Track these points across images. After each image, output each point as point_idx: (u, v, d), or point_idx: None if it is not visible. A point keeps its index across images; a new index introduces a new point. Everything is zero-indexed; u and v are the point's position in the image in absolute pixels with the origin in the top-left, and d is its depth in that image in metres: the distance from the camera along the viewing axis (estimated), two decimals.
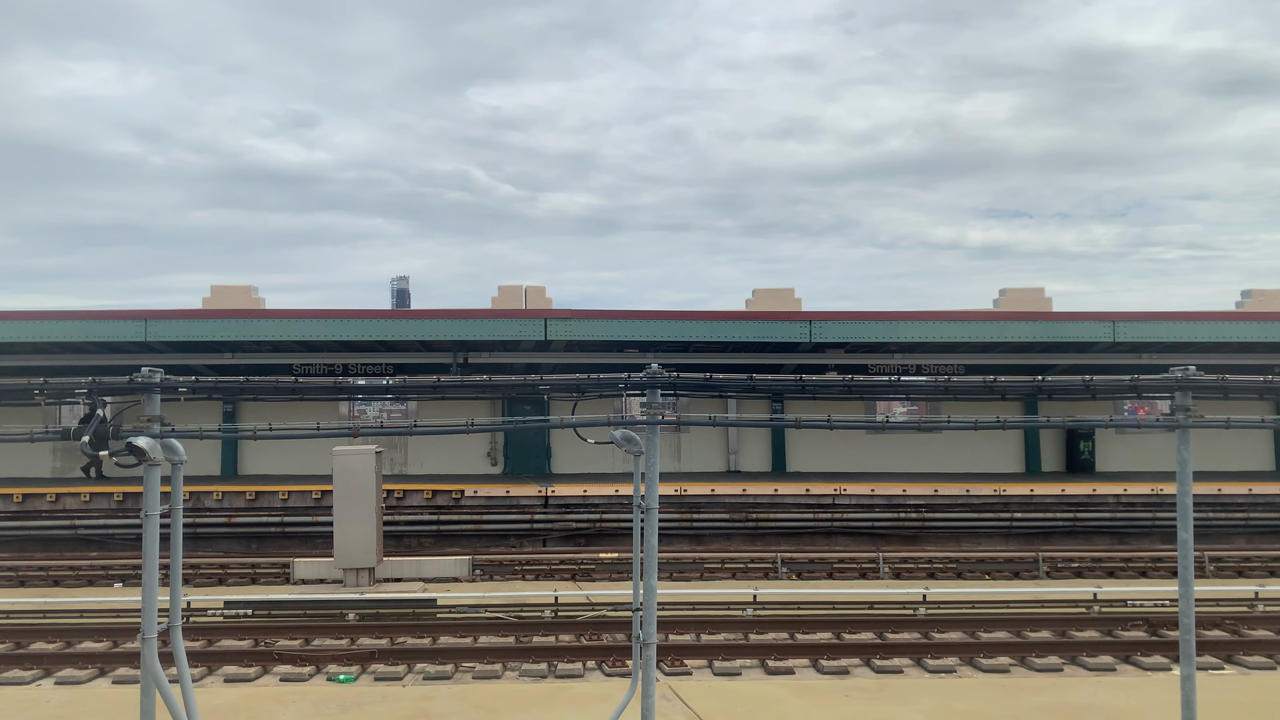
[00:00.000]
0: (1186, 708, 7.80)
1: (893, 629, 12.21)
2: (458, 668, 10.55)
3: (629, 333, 19.70)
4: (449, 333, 19.52)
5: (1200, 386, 7.85)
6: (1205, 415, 8.33)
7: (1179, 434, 8.00)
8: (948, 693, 9.32)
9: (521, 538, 19.20)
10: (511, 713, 8.68)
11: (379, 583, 14.82)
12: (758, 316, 20.24)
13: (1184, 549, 7.96)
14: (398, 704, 8.98)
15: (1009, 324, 20.00)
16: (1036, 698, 9.12)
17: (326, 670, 10.49)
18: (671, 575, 16.63)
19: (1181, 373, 7.83)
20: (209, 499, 19.20)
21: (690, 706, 8.83)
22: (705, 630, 12.23)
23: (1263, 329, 20.65)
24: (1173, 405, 7.93)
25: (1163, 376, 7.94)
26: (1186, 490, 7.95)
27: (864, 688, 9.50)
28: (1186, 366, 7.87)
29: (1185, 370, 7.84)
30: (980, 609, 13.13)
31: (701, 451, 23.45)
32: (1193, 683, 7.84)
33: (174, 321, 19.31)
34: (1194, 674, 7.85)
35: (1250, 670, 10.50)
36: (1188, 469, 7.96)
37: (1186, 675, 7.87)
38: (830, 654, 10.82)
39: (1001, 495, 19.34)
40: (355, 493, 14.47)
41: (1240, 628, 12.30)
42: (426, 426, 7.90)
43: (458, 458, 22.84)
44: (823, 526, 19.46)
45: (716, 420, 8.13)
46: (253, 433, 7.82)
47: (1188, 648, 7.91)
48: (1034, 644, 11.37)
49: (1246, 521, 19.71)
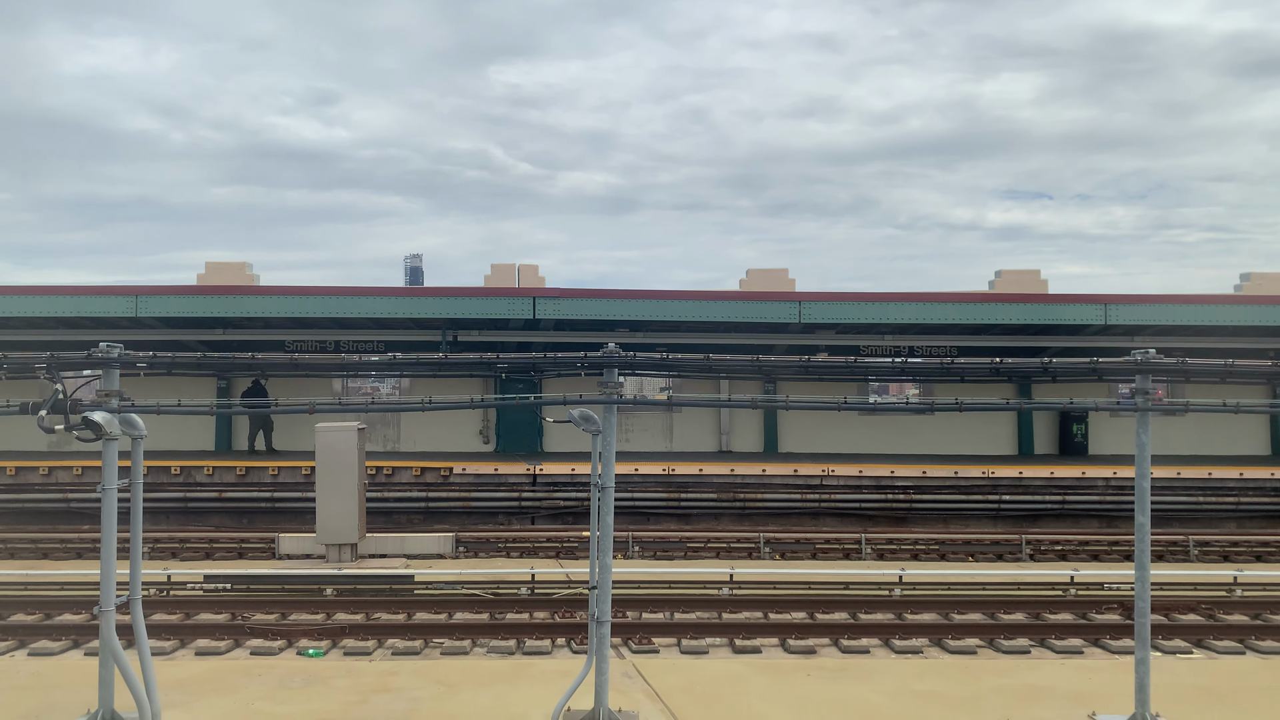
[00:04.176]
0: (1140, 690, 7.80)
1: (866, 609, 12.23)
2: (428, 643, 10.65)
3: (618, 312, 19.69)
4: (439, 310, 19.56)
5: (1160, 369, 7.81)
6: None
7: (1138, 417, 7.96)
8: (910, 673, 9.33)
9: (510, 515, 19.28)
10: (472, 688, 8.74)
11: (361, 558, 14.93)
12: (748, 297, 20.19)
13: (1140, 532, 7.94)
14: (361, 678, 9.04)
15: (1000, 306, 19.90)
16: (997, 679, 9.12)
17: (298, 645, 10.59)
18: (655, 554, 16.70)
19: (1141, 355, 7.79)
20: (200, 474, 19.34)
21: (650, 684, 8.87)
22: (680, 609, 12.27)
23: (1257, 312, 20.49)
24: (1133, 389, 7.91)
25: (1123, 360, 7.89)
26: (1145, 473, 7.92)
27: (827, 667, 9.52)
28: (1147, 350, 7.82)
29: (1145, 353, 7.79)
30: (956, 590, 13.15)
31: (694, 432, 23.46)
32: (1146, 666, 7.84)
33: (165, 298, 19.39)
34: (1148, 657, 7.85)
35: (1219, 655, 10.49)
36: (1146, 452, 7.93)
37: (1140, 659, 7.87)
38: (799, 634, 10.87)
39: (990, 477, 19.31)
40: (337, 469, 14.55)
41: (1216, 612, 12.28)
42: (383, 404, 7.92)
43: (450, 435, 22.93)
44: (810, 507, 19.49)
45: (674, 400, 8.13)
46: (211, 408, 7.87)
47: (1142, 631, 7.90)
48: (1005, 626, 11.39)
49: (1237, 506, 19.64)
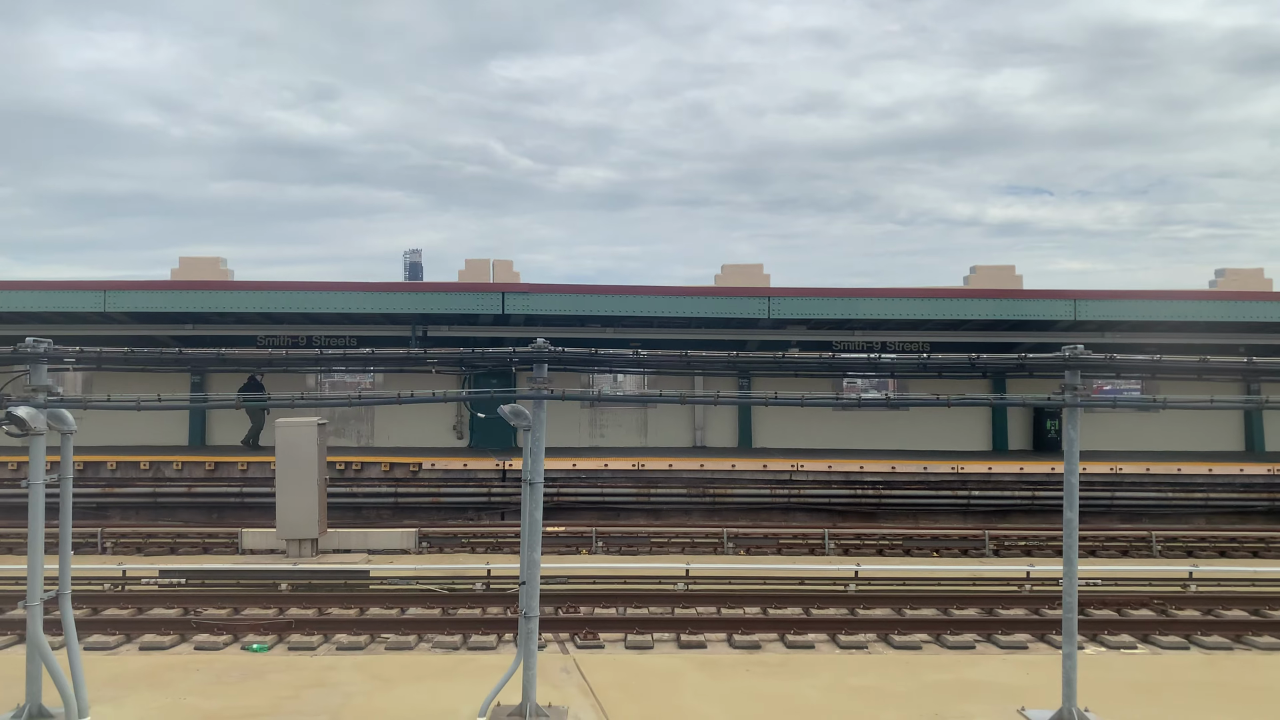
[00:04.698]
0: (1067, 685, 7.81)
1: (819, 605, 12.25)
2: (374, 638, 10.65)
3: (589, 307, 19.68)
4: (409, 306, 19.54)
5: (1089, 365, 7.82)
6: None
7: (1067, 413, 7.97)
8: (849, 668, 9.34)
9: (479, 510, 19.28)
10: (408, 683, 8.74)
11: (323, 553, 14.92)
12: (721, 293, 20.19)
13: (1069, 527, 7.96)
14: (300, 673, 9.04)
15: (971, 301, 19.90)
16: (936, 675, 9.13)
17: (244, 640, 10.58)
18: (620, 550, 16.71)
19: (1070, 351, 7.80)
20: (169, 469, 19.32)
21: (587, 679, 8.87)
22: (634, 604, 12.26)
23: (1230, 308, 20.51)
24: (1062, 384, 7.91)
25: (1052, 355, 7.90)
26: (1073, 469, 7.93)
27: (768, 663, 9.53)
28: (1075, 345, 7.83)
29: (1074, 349, 7.80)
30: (911, 586, 13.15)
31: (668, 427, 23.47)
32: (1073, 661, 7.86)
33: (133, 293, 19.35)
34: (1075, 653, 7.87)
35: (1163, 651, 10.51)
36: (1075, 448, 7.94)
37: (1067, 654, 7.89)
38: (746, 629, 10.88)
39: (959, 473, 19.32)
40: (297, 464, 14.53)
41: (1168, 607, 12.30)
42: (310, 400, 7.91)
43: (424, 431, 22.92)
44: (780, 502, 19.50)
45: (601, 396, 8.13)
46: (136, 403, 7.85)
47: (1069, 627, 7.92)
48: (955, 621, 11.41)
49: (1206, 501, 19.67)
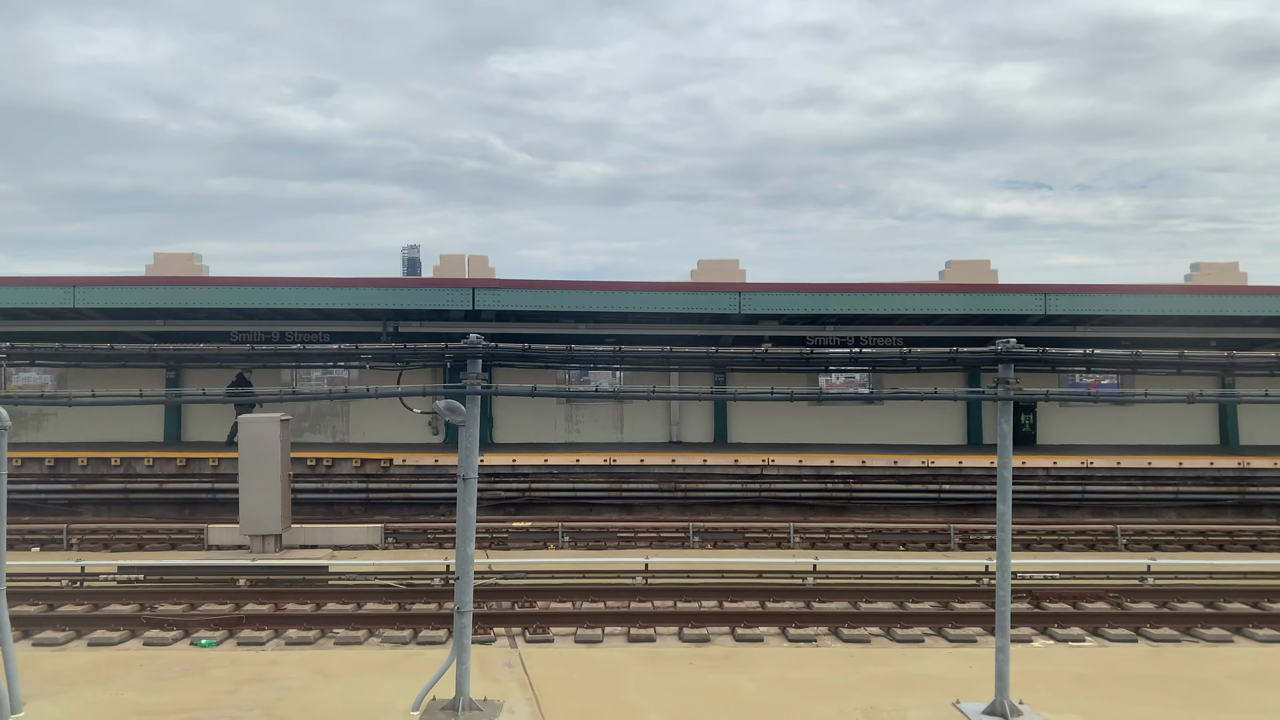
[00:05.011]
0: (999, 679, 7.84)
1: (776, 598, 12.28)
2: (325, 633, 10.66)
3: (561, 303, 19.66)
4: (380, 301, 19.51)
5: (1020, 359, 7.84)
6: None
7: (1000, 406, 8.00)
8: (793, 662, 9.37)
9: (451, 506, 19.25)
10: (348, 677, 8.76)
11: (288, 549, 14.92)
12: (695, 288, 20.18)
13: (1002, 521, 7.98)
14: (242, 668, 9.05)
15: (942, 296, 19.91)
16: (878, 668, 9.16)
17: (194, 635, 10.58)
18: (588, 545, 16.71)
19: (1003, 345, 7.82)
20: (140, 465, 19.30)
21: (529, 673, 8.89)
22: (590, 598, 12.27)
23: (1202, 302, 20.53)
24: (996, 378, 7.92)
25: (985, 349, 7.93)
26: (1006, 463, 7.96)
27: (713, 656, 9.55)
28: (1009, 339, 7.84)
29: (1006, 343, 7.82)
30: (870, 580, 13.18)
31: (644, 423, 23.48)
32: (1006, 654, 7.89)
33: (103, 288, 19.30)
34: (1007, 645, 7.90)
35: (1110, 643, 10.54)
36: (1008, 441, 7.96)
37: (1000, 647, 7.92)
38: (697, 622, 10.89)
39: (930, 467, 19.34)
40: (259, 460, 14.53)
41: (1124, 600, 12.34)
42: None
43: (400, 426, 22.90)
44: (751, 497, 19.51)
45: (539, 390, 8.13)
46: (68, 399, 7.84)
47: (1002, 620, 7.94)
48: (909, 615, 11.42)
49: (1177, 495, 19.70)
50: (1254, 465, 19.70)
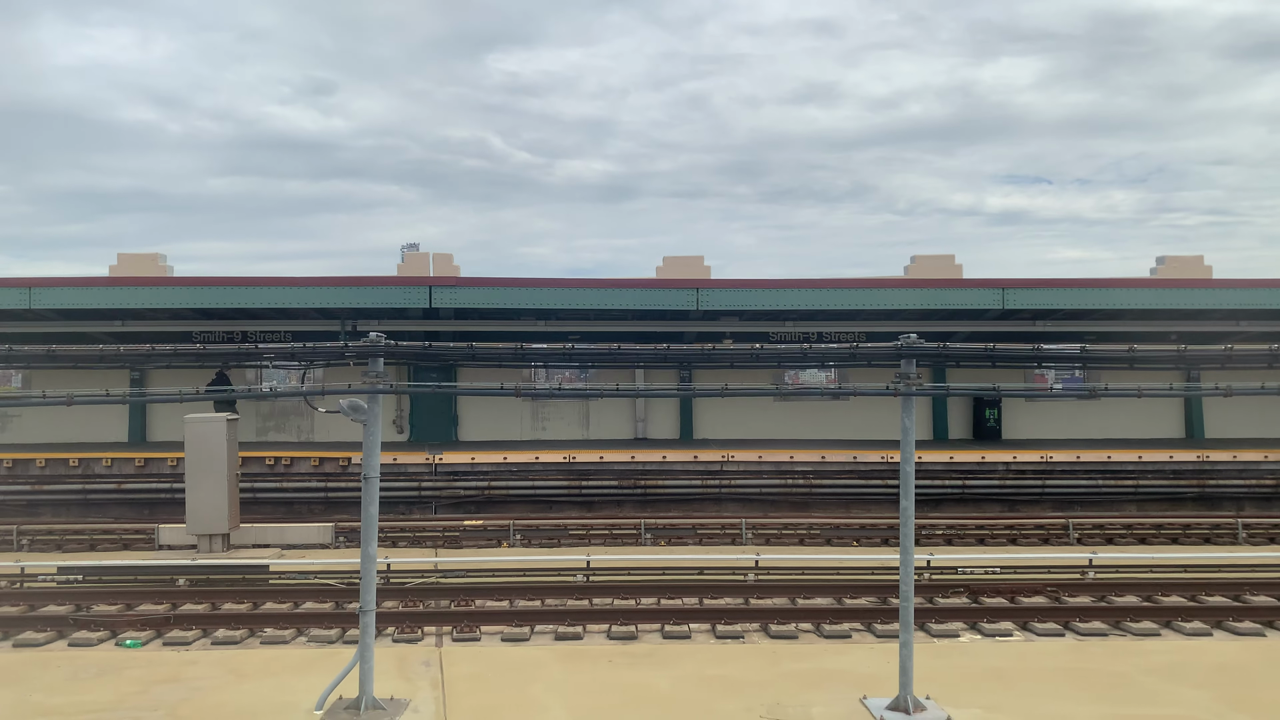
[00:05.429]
0: (904, 674, 7.85)
1: (714, 594, 12.26)
2: (252, 633, 10.64)
3: (520, 300, 19.65)
4: (338, 300, 19.49)
5: (921, 354, 7.84)
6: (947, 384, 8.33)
7: (902, 402, 8.00)
8: (713, 658, 9.38)
9: (410, 505, 19.27)
10: (263, 677, 8.76)
11: (235, 548, 14.92)
12: (650, 284, 20.16)
13: (905, 516, 7.99)
14: (159, 668, 9.05)
15: (899, 291, 19.90)
16: (798, 664, 9.17)
17: (121, 636, 10.57)
18: (543, 543, 16.70)
19: (903, 340, 7.82)
20: (98, 465, 19.28)
21: (444, 672, 8.90)
22: (529, 596, 12.25)
23: (1164, 295, 20.54)
24: (897, 373, 7.92)
25: (888, 344, 7.93)
26: (909, 458, 7.96)
27: (635, 654, 9.55)
28: (908, 334, 7.85)
29: (907, 338, 7.82)
30: (810, 575, 13.18)
31: (609, 420, 23.48)
32: (909, 650, 7.90)
33: (59, 289, 19.26)
34: (911, 640, 7.91)
35: (1038, 637, 10.55)
36: (910, 436, 7.97)
37: (904, 642, 7.93)
38: (626, 619, 10.88)
39: (889, 462, 19.35)
40: (206, 460, 14.52)
41: (1061, 594, 12.34)
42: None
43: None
44: (711, 493, 19.52)
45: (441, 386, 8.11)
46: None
47: (905, 616, 7.95)
48: (844, 611, 11.40)
49: (1137, 489, 19.73)
50: (1213, 459, 19.73)
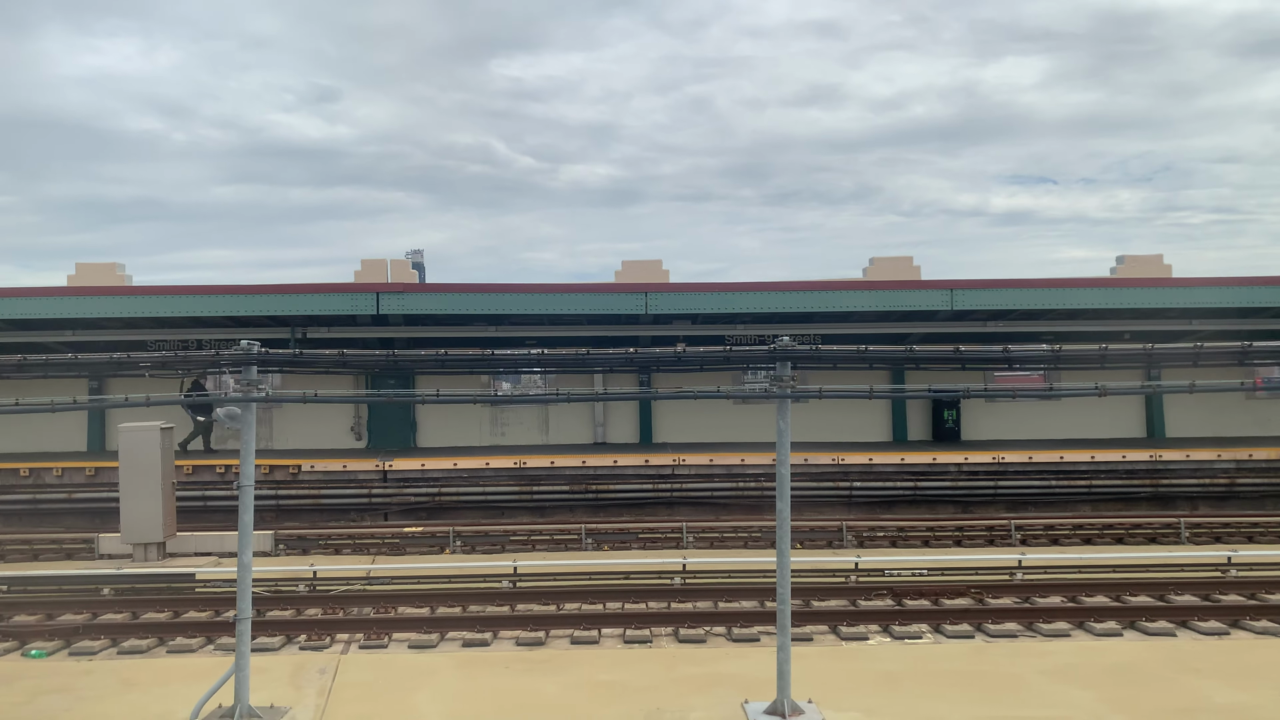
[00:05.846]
0: (780, 678, 7.82)
1: (636, 598, 12.25)
2: (162, 641, 10.63)
3: (471, 306, 19.66)
4: (286, 308, 19.50)
5: (796, 357, 7.82)
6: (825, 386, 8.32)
7: (778, 404, 7.97)
8: (611, 663, 9.34)
9: (361, 512, 19.26)
10: (150, 686, 8.73)
11: (171, 556, 14.91)
12: (598, 289, 20.16)
13: (781, 519, 7.97)
14: (53, 679, 9.03)
15: (852, 294, 19.89)
16: (693, 669, 9.13)
17: (27, 646, 10.56)
18: (487, 550, 16.68)
19: (778, 343, 7.80)
20: (49, 475, 19.28)
21: (336, 680, 8.87)
22: (450, 603, 12.22)
23: (1114, 295, 20.52)
24: (771, 376, 7.90)
25: (761, 348, 7.92)
26: (784, 460, 7.94)
27: (533, 660, 9.53)
28: (781, 337, 7.83)
29: (781, 340, 7.81)
30: (736, 578, 13.15)
31: (570, 425, 23.47)
32: (787, 653, 7.87)
33: (12, 300, 19.31)
34: (788, 644, 7.88)
35: (946, 639, 10.52)
36: (786, 439, 7.95)
37: (781, 645, 7.90)
38: (535, 625, 10.86)
39: (840, 464, 19.32)
40: (141, 469, 14.52)
41: (986, 596, 12.31)
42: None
43: (322, 432, 22.89)
44: (664, 497, 19.49)
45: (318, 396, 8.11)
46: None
47: (782, 619, 7.92)
48: (764, 614, 11.37)
49: (1090, 489, 19.69)
50: (1166, 458, 19.69)
